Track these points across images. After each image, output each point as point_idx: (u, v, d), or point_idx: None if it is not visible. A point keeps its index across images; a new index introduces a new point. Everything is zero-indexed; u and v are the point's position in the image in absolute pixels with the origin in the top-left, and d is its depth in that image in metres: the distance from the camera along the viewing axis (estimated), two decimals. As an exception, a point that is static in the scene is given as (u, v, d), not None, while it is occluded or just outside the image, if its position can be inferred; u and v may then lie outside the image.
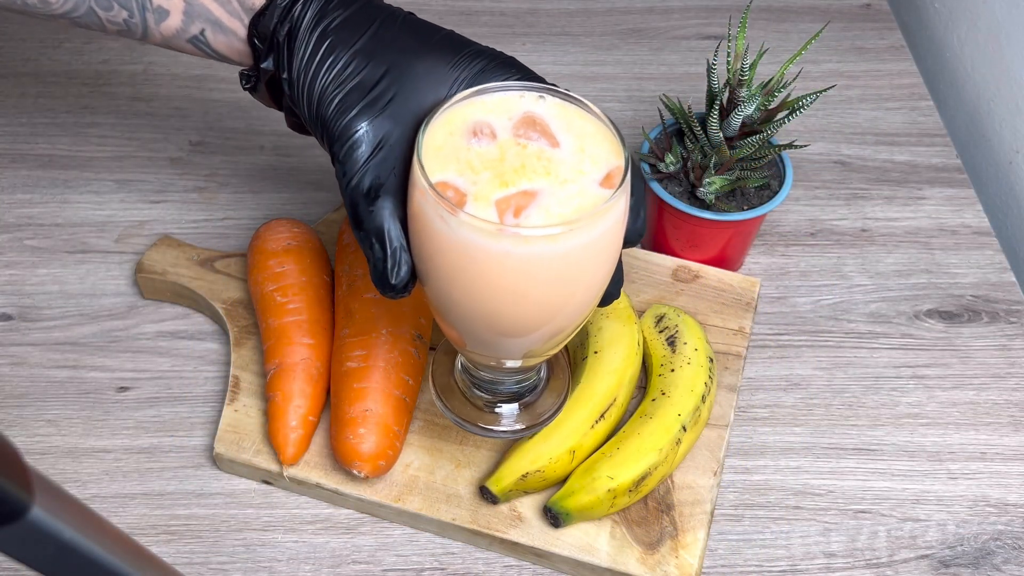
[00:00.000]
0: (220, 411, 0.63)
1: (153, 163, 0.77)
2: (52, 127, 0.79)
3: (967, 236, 0.75)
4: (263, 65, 0.52)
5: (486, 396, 0.55)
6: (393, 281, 0.46)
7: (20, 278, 0.70)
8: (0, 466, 0.26)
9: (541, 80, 0.49)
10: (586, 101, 0.46)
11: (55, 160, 0.77)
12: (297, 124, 0.55)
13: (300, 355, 0.60)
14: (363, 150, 0.47)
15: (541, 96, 0.46)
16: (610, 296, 0.49)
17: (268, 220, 0.70)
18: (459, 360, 0.55)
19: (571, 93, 0.46)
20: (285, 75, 0.51)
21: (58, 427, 0.62)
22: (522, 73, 0.50)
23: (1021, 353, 0.68)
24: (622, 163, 0.44)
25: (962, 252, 0.74)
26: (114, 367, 0.65)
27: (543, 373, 0.56)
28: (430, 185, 0.42)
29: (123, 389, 0.64)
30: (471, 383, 0.55)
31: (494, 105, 0.46)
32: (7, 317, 0.67)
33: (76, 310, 0.68)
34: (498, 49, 0.51)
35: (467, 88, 0.48)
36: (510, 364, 0.51)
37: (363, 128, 0.48)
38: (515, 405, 0.55)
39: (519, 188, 0.43)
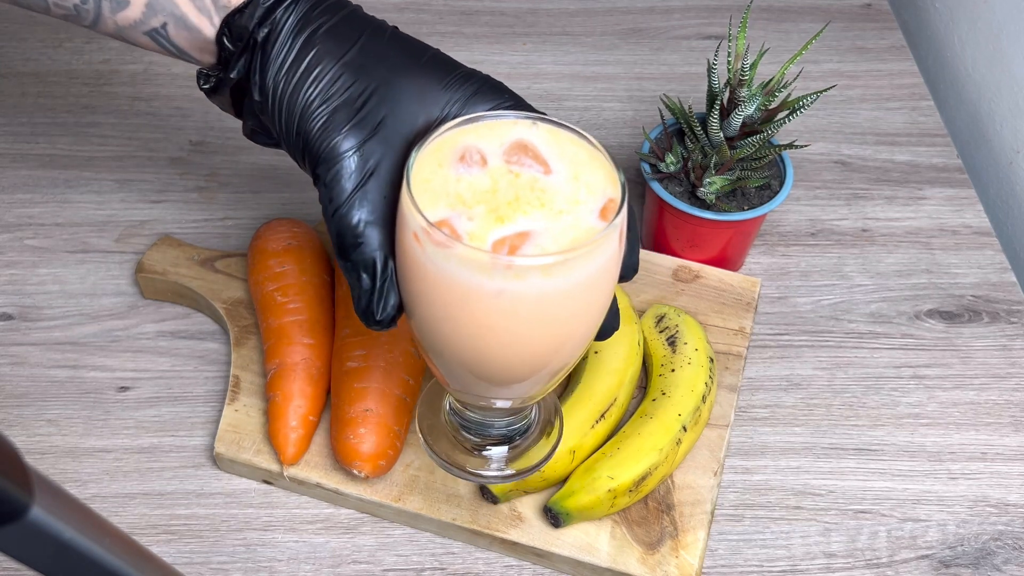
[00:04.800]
0: (220, 411, 0.63)
1: (153, 163, 0.77)
2: (53, 127, 0.79)
3: (968, 236, 0.75)
4: (233, 69, 0.48)
5: (474, 439, 0.52)
6: (379, 316, 0.44)
7: (20, 278, 0.70)
8: (0, 466, 0.26)
9: (531, 107, 0.47)
10: (579, 129, 0.44)
11: (55, 160, 0.77)
12: (257, 133, 0.51)
13: (300, 355, 0.60)
14: (352, 175, 0.44)
15: (534, 123, 0.44)
16: (609, 329, 0.47)
17: (268, 220, 0.70)
18: (447, 400, 0.54)
19: (564, 122, 0.44)
20: (257, 80, 0.47)
21: (58, 427, 0.62)
22: (514, 99, 0.48)
23: (1022, 353, 0.68)
24: (618, 191, 0.42)
25: (962, 252, 0.74)
26: (114, 367, 0.65)
27: (534, 414, 0.54)
28: (428, 223, 0.39)
29: (123, 389, 0.64)
30: (459, 425, 0.53)
31: (485, 131, 0.44)
32: (7, 317, 0.67)
33: (76, 310, 0.68)
34: (498, 49, 0.50)
35: (459, 110, 0.46)
36: (500, 404, 0.49)
37: (351, 151, 0.45)
38: (504, 448, 0.53)
39: (515, 225, 0.41)
